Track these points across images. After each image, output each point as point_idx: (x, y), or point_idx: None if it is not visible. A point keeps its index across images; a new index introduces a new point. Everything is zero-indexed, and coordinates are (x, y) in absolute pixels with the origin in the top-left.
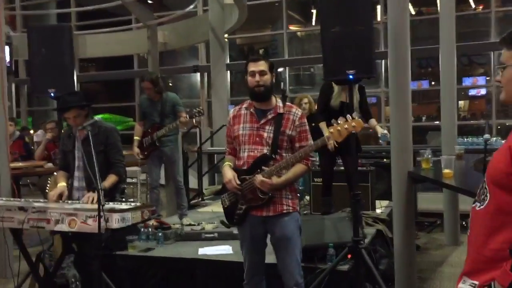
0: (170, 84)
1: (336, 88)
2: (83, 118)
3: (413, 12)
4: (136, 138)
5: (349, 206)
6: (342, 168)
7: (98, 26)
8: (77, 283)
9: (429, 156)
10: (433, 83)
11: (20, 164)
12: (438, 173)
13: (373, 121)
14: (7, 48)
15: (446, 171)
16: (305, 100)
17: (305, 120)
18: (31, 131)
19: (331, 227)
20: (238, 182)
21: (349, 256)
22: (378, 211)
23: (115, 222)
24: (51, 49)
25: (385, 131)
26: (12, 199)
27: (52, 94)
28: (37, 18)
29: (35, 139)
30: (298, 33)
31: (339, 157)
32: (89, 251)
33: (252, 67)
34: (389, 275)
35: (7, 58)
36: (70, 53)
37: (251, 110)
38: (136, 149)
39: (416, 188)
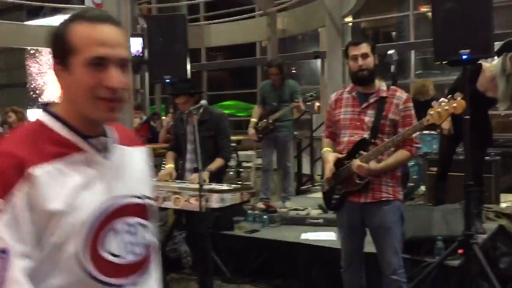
0: (294, 70)
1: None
2: (192, 104)
3: None
4: (253, 120)
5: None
6: (462, 157)
7: (224, 16)
8: (188, 258)
9: None
10: None
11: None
12: None
13: None
14: (139, 39)
15: None
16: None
17: (411, 104)
18: (163, 117)
19: (440, 218)
20: (332, 167)
21: (460, 251)
22: (503, 205)
23: (215, 202)
24: (167, 38)
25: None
26: None
27: (167, 81)
28: (170, 10)
29: (164, 124)
30: (428, 14)
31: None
32: (198, 229)
33: (353, 51)
34: (510, 275)
35: (139, 49)
36: (184, 41)
37: (353, 94)
38: (252, 130)
39: None
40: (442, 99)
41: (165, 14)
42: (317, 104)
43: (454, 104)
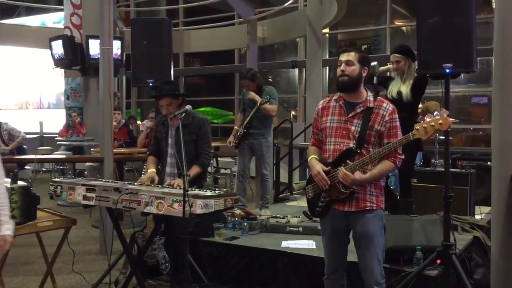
0: (270, 79)
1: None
2: (176, 107)
3: None
4: (235, 127)
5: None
6: (441, 169)
7: (203, 22)
8: (167, 264)
9: None
10: None
11: (123, 150)
12: None
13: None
14: (118, 42)
15: None
16: None
17: (396, 116)
18: (138, 121)
19: (420, 229)
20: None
21: (438, 261)
22: (477, 217)
23: (199, 208)
24: (151, 41)
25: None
26: (110, 181)
27: (150, 84)
28: (148, 14)
29: (141, 128)
30: (403, 28)
31: None
32: (177, 234)
33: (340, 57)
34: (484, 286)
35: (118, 52)
36: (168, 45)
37: (340, 102)
38: (231, 137)
39: None
40: (428, 114)
41: (150, 17)
42: (292, 112)
43: (440, 121)
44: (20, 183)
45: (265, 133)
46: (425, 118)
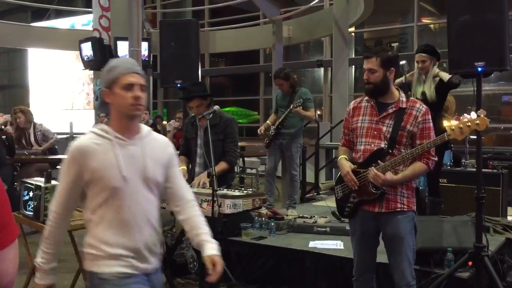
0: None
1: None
2: (205, 107)
3: None
4: (267, 122)
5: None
6: (472, 169)
7: (229, 22)
8: (195, 263)
9: None
10: None
11: None
12: None
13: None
14: (145, 44)
15: None
16: None
17: (429, 117)
18: (164, 122)
19: (451, 230)
20: (354, 179)
21: (469, 263)
22: (509, 218)
23: (227, 207)
24: (179, 43)
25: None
26: None
27: (178, 85)
28: (175, 15)
29: (167, 128)
30: (431, 26)
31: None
32: None
33: (364, 64)
34: None
35: (145, 53)
36: (196, 46)
37: (372, 103)
38: (263, 128)
39: None
40: (464, 114)
41: (178, 19)
42: (318, 112)
43: (477, 121)
44: (53, 182)
45: (295, 133)
46: (461, 117)
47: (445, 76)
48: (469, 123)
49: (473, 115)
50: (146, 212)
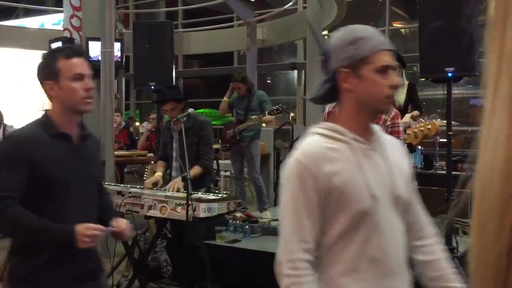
0: (269, 81)
1: None
2: (180, 111)
3: None
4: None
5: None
6: (443, 172)
7: (203, 24)
8: (168, 267)
9: None
10: None
11: (124, 152)
12: None
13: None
14: (118, 44)
15: None
16: None
17: (399, 121)
18: (137, 123)
19: None
20: None
21: None
22: None
23: (202, 211)
24: (153, 44)
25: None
26: (112, 184)
27: (152, 87)
28: (148, 16)
29: (140, 130)
30: (402, 30)
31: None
32: (193, 241)
33: None
34: None
35: (118, 54)
36: (170, 48)
37: None
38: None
39: None
40: (420, 119)
41: (152, 20)
42: (291, 114)
43: (429, 126)
44: None
45: (254, 136)
46: (416, 123)
47: None
48: (422, 128)
49: (425, 120)
50: (400, 250)
